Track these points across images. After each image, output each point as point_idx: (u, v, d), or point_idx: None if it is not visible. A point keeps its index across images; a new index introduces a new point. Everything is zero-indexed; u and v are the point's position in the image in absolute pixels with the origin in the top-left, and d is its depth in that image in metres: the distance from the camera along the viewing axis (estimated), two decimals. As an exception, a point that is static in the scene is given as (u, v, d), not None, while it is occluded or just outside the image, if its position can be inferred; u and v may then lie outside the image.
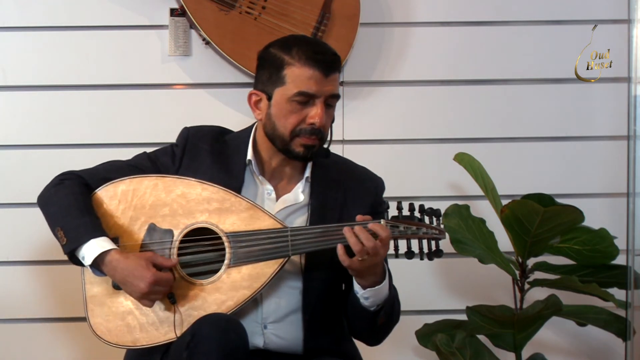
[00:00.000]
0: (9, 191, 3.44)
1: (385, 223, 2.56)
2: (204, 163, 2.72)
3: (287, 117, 2.62)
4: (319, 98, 2.61)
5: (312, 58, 2.60)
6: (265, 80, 2.66)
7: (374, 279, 2.58)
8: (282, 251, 2.60)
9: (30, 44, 3.45)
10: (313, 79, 2.60)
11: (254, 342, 2.64)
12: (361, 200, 2.70)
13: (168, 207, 2.66)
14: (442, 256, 2.63)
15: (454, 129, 3.54)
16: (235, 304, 2.59)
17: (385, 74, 3.53)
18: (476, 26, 3.55)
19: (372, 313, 2.61)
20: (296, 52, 2.61)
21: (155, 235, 2.65)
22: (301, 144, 2.63)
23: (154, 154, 2.78)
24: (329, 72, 2.61)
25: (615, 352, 3.52)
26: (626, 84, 3.42)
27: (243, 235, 2.62)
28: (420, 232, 2.61)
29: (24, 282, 3.44)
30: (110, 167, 2.75)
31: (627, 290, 3.26)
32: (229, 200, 2.64)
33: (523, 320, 3.22)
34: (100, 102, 3.47)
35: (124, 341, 2.63)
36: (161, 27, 3.47)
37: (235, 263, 2.61)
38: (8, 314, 3.46)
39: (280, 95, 2.63)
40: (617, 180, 3.49)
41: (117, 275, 2.58)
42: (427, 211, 2.63)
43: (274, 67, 2.63)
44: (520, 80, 3.55)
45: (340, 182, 2.73)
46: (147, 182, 2.68)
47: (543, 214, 3.07)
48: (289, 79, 2.61)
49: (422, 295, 3.52)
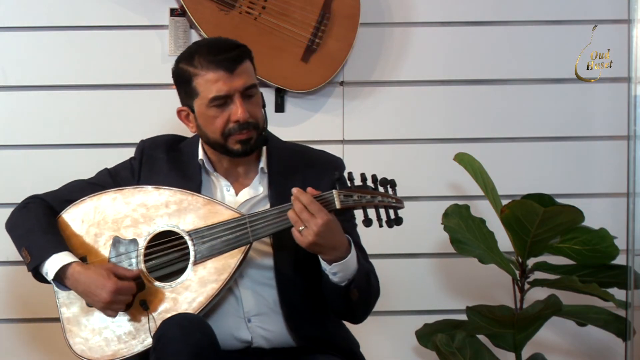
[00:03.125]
0: (9, 191, 3.44)
1: (338, 193, 2.56)
2: (161, 172, 2.78)
3: (212, 123, 2.68)
4: (233, 95, 2.65)
5: (212, 61, 2.65)
6: (184, 96, 2.73)
7: (336, 253, 2.57)
8: (244, 239, 2.63)
9: (30, 44, 3.45)
10: (220, 81, 2.64)
11: (241, 336, 2.67)
12: (321, 182, 2.69)
13: (129, 217, 2.72)
14: (401, 223, 2.59)
15: (454, 129, 3.54)
16: (206, 299, 2.62)
17: (385, 74, 3.53)
18: (476, 26, 3.55)
19: (343, 288, 2.61)
20: (197, 61, 2.67)
21: (120, 247, 2.71)
22: (236, 141, 2.68)
23: (114, 169, 2.85)
24: (233, 68, 2.65)
25: (615, 352, 3.52)
26: (626, 84, 3.42)
27: (204, 230, 2.65)
28: (375, 200, 2.57)
29: (24, 282, 3.45)
30: (72, 188, 2.83)
31: (627, 290, 3.27)
32: (186, 199, 2.69)
33: (523, 320, 3.22)
34: (100, 102, 3.47)
35: (106, 356, 2.67)
36: (161, 27, 3.47)
37: (200, 259, 2.64)
38: (8, 314, 3.46)
39: (199, 106, 2.69)
40: (617, 180, 3.50)
41: (80, 287, 2.65)
42: (381, 181, 2.60)
43: (185, 81, 2.70)
44: (520, 80, 3.55)
45: (298, 169, 2.76)
46: (106, 197, 2.75)
47: (543, 214, 3.07)
48: (200, 88, 2.67)
49: (422, 295, 3.53)
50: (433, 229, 3.35)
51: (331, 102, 3.52)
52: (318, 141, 3.43)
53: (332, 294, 2.63)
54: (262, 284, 2.69)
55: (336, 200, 2.56)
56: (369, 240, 2.79)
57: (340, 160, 2.84)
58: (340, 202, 2.56)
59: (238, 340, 2.67)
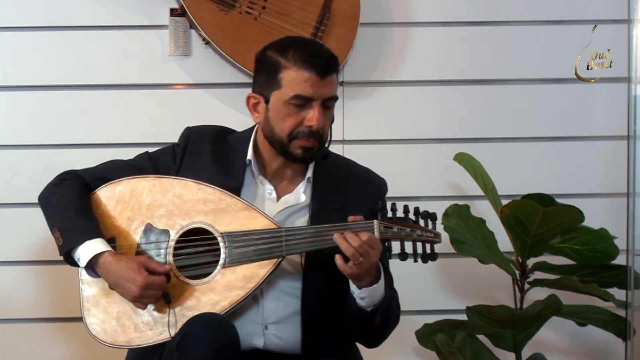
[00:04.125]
0: (9, 191, 3.44)
1: (379, 224, 2.56)
2: (204, 163, 2.72)
3: (284, 120, 2.62)
4: (315, 101, 2.60)
5: (307, 61, 2.59)
6: (263, 84, 2.66)
7: (369, 279, 2.57)
8: (276, 251, 2.60)
9: (30, 44, 3.45)
10: (309, 82, 2.59)
11: (254, 342, 2.65)
12: (362, 202, 2.68)
13: (164, 207, 2.67)
14: (436, 259, 2.62)
15: (454, 129, 3.54)
16: (230, 304, 2.59)
17: (385, 74, 3.53)
18: (476, 26, 3.55)
19: (369, 313, 2.60)
20: (292, 54, 2.60)
21: (151, 235, 2.66)
22: (299, 146, 2.63)
23: (155, 154, 2.78)
24: (325, 75, 2.60)
25: (615, 352, 3.52)
26: (626, 84, 3.42)
27: (238, 235, 2.62)
28: (414, 234, 2.59)
29: (24, 282, 3.45)
30: (111, 167, 2.77)
31: (627, 290, 3.26)
32: (225, 201, 2.64)
33: (523, 320, 3.22)
34: (100, 102, 3.47)
35: (119, 341, 2.65)
36: (161, 27, 3.47)
37: (229, 263, 2.61)
38: (8, 314, 3.46)
39: (277, 99, 2.63)
40: (617, 180, 3.49)
41: (110, 277, 2.61)
42: (422, 214, 2.61)
43: (271, 70, 2.63)
44: (520, 80, 3.55)
45: (342, 184, 2.73)
46: (145, 182, 2.70)
47: (543, 214, 3.07)
48: (285, 82, 2.61)
49: (422, 295, 3.52)
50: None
51: (331, 102, 3.52)
52: (318, 141, 3.42)
53: (355, 317, 2.62)
54: (287, 293, 2.66)
55: (376, 231, 2.56)
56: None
57: (384, 182, 2.81)
58: (380, 234, 2.56)
59: (250, 345, 2.64)
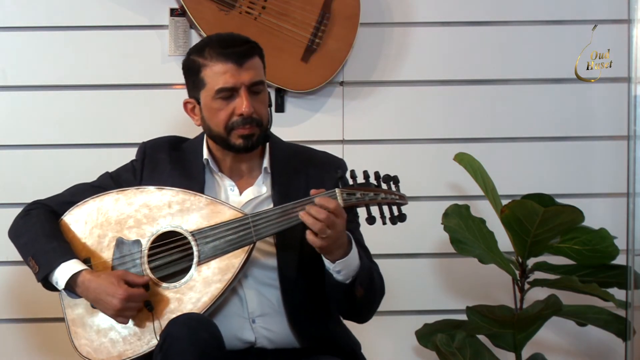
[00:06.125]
0: (9, 191, 3.44)
1: (341, 191, 2.57)
2: (164, 172, 2.78)
3: (216, 115, 2.69)
4: (239, 89, 2.66)
5: (221, 53, 2.66)
6: (192, 87, 2.74)
7: (341, 251, 2.58)
8: (247, 238, 2.63)
9: (30, 44, 3.45)
10: (228, 73, 2.66)
11: (244, 337, 2.67)
12: (324, 183, 2.68)
13: (132, 218, 2.71)
14: (405, 220, 2.60)
15: (454, 129, 3.54)
16: (210, 299, 2.62)
17: (385, 74, 3.53)
18: (476, 26, 3.55)
19: (348, 286, 2.61)
20: (208, 52, 2.68)
21: (124, 248, 2.70)
22: (238, 135, 2.68)
23: (116, 172, 2.85)
24: (242, 62, 2.66)
25: (615, 352, 3.52)
26: (626, 84, 3.42)
27: (207, 230, 2.65)
28: (378, 197, 2.59)
29: (24, 282, 3.45)
30: (75, 191, 2.83)
31: (627, 290, 3.26)
32: (189, 199, 2.69)
33: (523, 320, 3.22)
34: (100, 102, 3.47)
35: (112, 357, 2.67)
36: (161, 27, 3.47)
37: (204, 259, 2.64)
38: (8, 314, 3.46)
39: (205, 97, 2.70)
40: (617, 180, 3.49)
41: (90, 294, 2.65)
42: (383, 177, 2.61)
43: (194, 72, 2.71)
44: (520, 80, 3.55)
45: (301, 169, 2.77)
46: (109, 198, 2.75)
47: (543, 214, 3.07)
48: (208, 79, 2.68)
49: (422, 295, 3.53)
50: (433, 229, 3.35)
51: (331, 102, 3.52)
52: (318, 141, 3.43)
53: (337, 293, 2.63)
54: (266, 284, 2.69)
55: (339, 198, 2.57)
56: (369, 240, 2.79)
57: (342, 161, 2.84)
58: (343, 201, 2.57)
59: (241, 341, 2.67)
